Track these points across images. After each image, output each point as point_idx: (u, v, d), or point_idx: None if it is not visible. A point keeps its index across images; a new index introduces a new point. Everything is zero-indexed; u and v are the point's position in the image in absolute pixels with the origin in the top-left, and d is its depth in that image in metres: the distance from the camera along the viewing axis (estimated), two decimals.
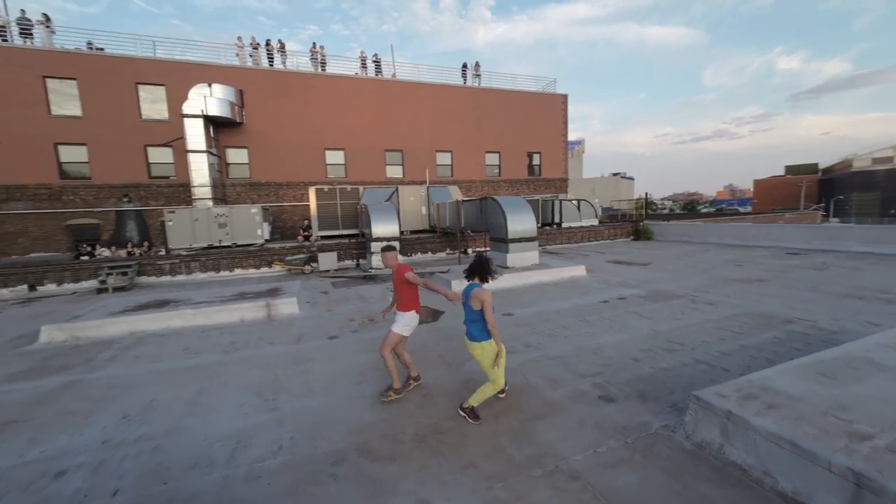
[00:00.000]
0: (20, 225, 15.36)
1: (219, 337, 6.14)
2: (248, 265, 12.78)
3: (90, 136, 15.85)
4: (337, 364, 4.88)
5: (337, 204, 15.05)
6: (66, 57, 15.56)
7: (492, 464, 2.85)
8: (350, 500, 2.55)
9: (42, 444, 3.32)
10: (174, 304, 7.32)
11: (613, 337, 5.40)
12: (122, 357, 5.43)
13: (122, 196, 16.25)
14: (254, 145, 18.09)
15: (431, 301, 7.96)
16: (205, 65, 17.18)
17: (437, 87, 21.24)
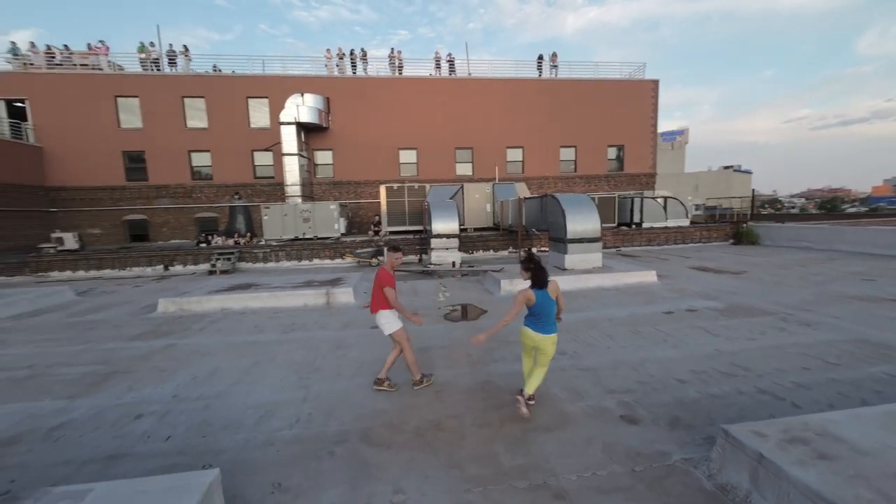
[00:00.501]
0: (165, 217, 19.20)
1: (283, 318, 6.98)
2: (324, 256, 14.17)
3: (213, 144, 19.07)
4: (370, 352, 5.21)
5: (405, 201, 15.80)
6: (197, 80, 18.92)
7: (478, 467, 2.82)
8: (337, 477, 2.76)
9: (134, 392, 4.21)
10: (255, 288, 8.51)
11: (663, 352, 4.81)
12: (208, 329, 6.52)
13: (233, 194, 19.22)
14: (337, 147, 19.87)
15: (477, 299, 7.97)
16: (300, 77, 19.36)
17: (509, 82, 20.82)
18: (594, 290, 8.28)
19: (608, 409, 3.56)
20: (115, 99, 18.33)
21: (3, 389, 4.35)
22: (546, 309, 3.43)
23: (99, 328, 6.69)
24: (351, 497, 2.55)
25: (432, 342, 5.54)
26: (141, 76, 18.66)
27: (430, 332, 5.91)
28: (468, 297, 8.20)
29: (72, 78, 18.12)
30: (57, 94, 17.95)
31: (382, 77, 20.18)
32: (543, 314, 3.43)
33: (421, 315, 6.95)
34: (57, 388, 4.32)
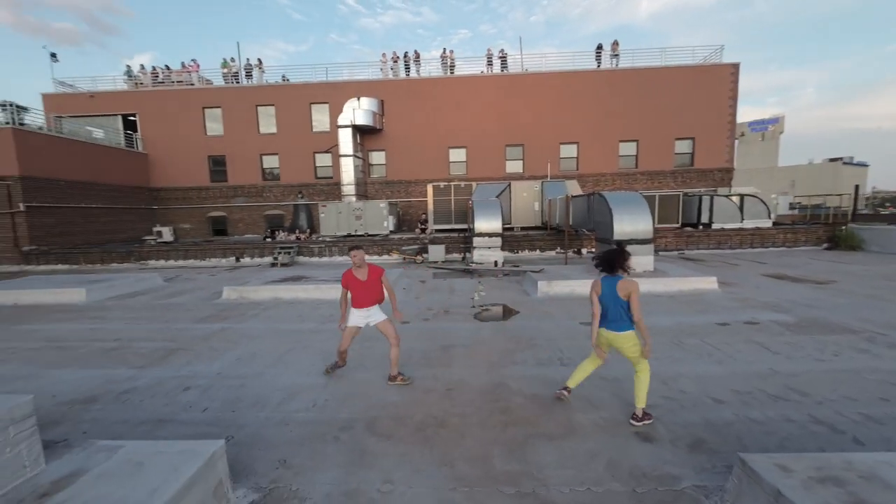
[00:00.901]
0: (240, 214, 21.47)
1: (324, 309, 7.48)
2: (373, 252, 14.84)
3: (280, 147, 20.88)
4: (409, 345, 5.37)
5: (451, 200, 15.95)
6: (269, 89, 20.83)
7: (470, 467, 2.81)
8: (336, 461, 2.93)
9: (189, 367, 4.82)
10: (305, 280, 9.20)
11: (704, 368, 4.35)
12: (260, 315, 7.21)
13: (297, 193, 20.88)
14: (390, 148, 20.64)
15: (512, 300, 7.82)
16: (357, 82, 20.41)
17: (564, 76, 19.97)
18: (646, 296, 7.67)
19: (622, 423, 3.33)
20: (203, 110, 20.86)
21: (94, 357, 5.24)
22: (609, 303, 3.32)
23: (175, 311, 7.73)
24: (343, 481, 2.70)
25: (457, 340, 5.57)
26: (223, 88, 21.02)
27: (458, 331, 5.95)
28: (504, 298, 8.08)
29: (170, 93, 20.98)
30: (159, 108, 20.92)
31: (434, 77, 20.53)
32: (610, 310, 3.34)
33: (453, 313, 7.07)
34: (132, 359, 5.10)
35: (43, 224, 15.82)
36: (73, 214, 17.06)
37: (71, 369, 4.81)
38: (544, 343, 5.34)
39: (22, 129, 15.51)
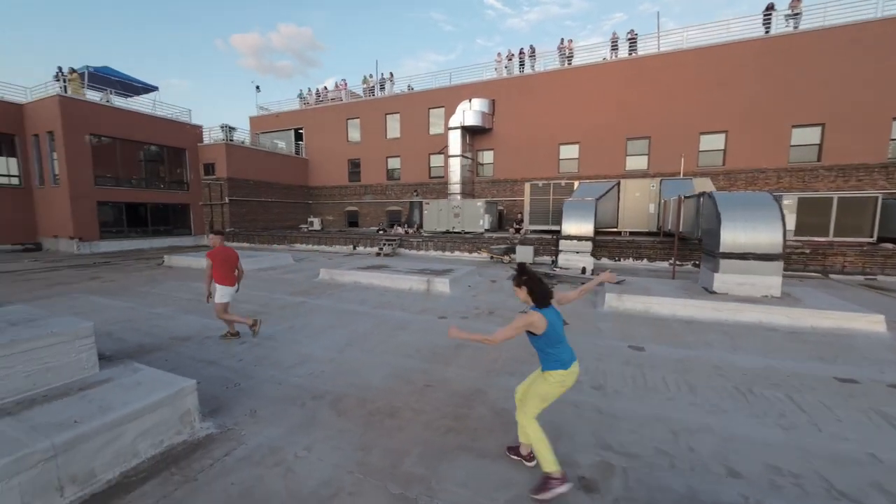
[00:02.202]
0: (368, 209, 24.86)
1: (386, 297, 8.23)
2: (464, 249, 15.28)
3: (402, 150, 23.27)
4: (420, 338, 5.62)
5: (549, 199, 15.10)
6: (395, 99, 23.42)
7: (380, 459, 2.87)
8: (288, 421, 3.37)
9: (277, 325, 6.07)
10: (384, 269, 10.23)
11: (753, 429, 3.24)
12: (334, 295, 8.42)
13: (413, 191, 22.96)
14: (498, 147, 20.69)
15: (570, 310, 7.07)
16: (470, 84, 21.11)
17: (711, 52, 16.38)
18: (744, 328, 5.97)
19: (575, 463, 2.82)
20: (346, 121, 24.87)
21: (208, 310, 7.07)
22: (561, 329, 2.63)
23: (282, 284, 9.68)
24: (279, 438, 3.12)
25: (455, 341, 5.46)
26: (362, 101, 24.60)
27: (485, 332, 5.80)
28: (564, 308, 7.38)
29: (324, 109, 25.69)
30: (316, 122, 25.88)
31: (548, 71, 19.58)
32: (559, 336, 2.62)
33: (496, 315, 6.88)
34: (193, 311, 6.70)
35: (238, 212, 21.59)
36: (256, 206, 22.72)
37: (193, 316, 6.66)
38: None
39: (231, 143, 21.45)
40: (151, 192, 19.81)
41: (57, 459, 2.36)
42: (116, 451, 2.65)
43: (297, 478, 2.67)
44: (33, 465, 2.26)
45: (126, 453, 2.70)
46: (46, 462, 2.32)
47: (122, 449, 2.68)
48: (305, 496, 2.49)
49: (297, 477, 2.68)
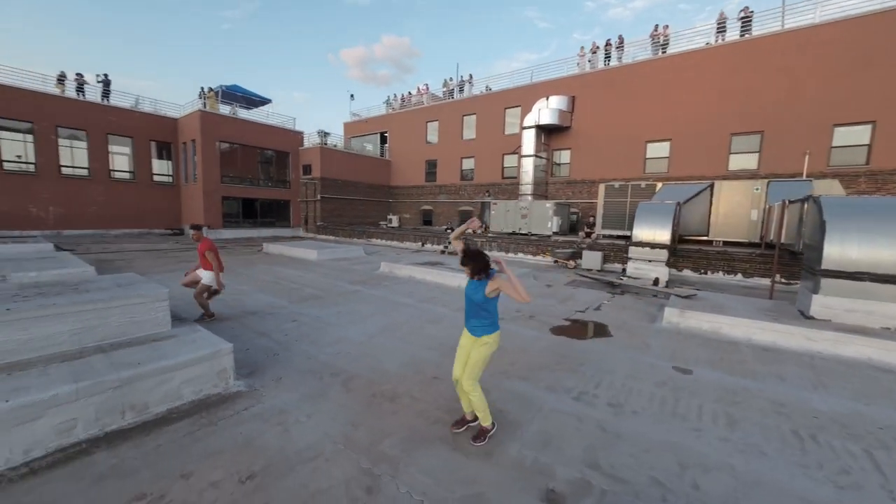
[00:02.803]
0: (442, 208, 25.64)
1: (434, 292, 8.51)
2: (527, 251, 14.87)
3: (476, 150, 23.49)
4: (448, 333, 5.76)
5: (626, 202, 13.85)
6: (472, 100, 23.72)
7: (364, 435, 3.08)
8: (304, 390, 3.80)
9: (310, 309, 6.82)
10: (439, 266, 10.54)
11: (804, 482, 2.67)
12: (388, 287, 8.98)
13: (485, 192, 23.02)
14: (576, 146, 19.60)
15: (619, 322, 6.45)
16: (549, 81, 20.35)
17: (856, 23, 13.23)
18: (842, 364, 4.83)
19: (550, 473, 2.68)
20: (426, 124, 25.98)
21: (282, 291, 8.14)
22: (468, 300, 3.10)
23: (347, 273, 10.62)
24: (289, 403, 3.54)
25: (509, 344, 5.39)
26: (441, 104, 25.44)
27: (515, 336, 5.69)
28: (618, 318, 6.83)
29: (407, 113, 27.20)
30: (399, 125, 27.53)
31: (636, 62, 17.89)
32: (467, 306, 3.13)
33: (536, 320, 6.65)
34: (292, 297, 7.65)
35: (327, 208, 24.11)
36: (343, 203, 25.11)
37: (265, 295, 7.75)
38: (592, 373, 4.44)
39: (325, 147, 24.06)
40: (261, 190, 23.28)
41: (122, 389, 3.06)
42: (165, 392, 3.31)
43: (290, 438, 3.02)
44: (105, 390, 2.98)
45: (173, 395, 3.35)
46: (115, 390, 3.02)
47: (170, 391, 3.34)
48: (290, 454, 2.82)
49: (291, 437, 3.03)
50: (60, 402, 2.77)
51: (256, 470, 2.64)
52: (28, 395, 2.67)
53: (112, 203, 20.27)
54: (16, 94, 17.51)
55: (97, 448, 2.80)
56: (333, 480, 2.57)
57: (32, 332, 3.29)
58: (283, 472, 2.63)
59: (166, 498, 2.36)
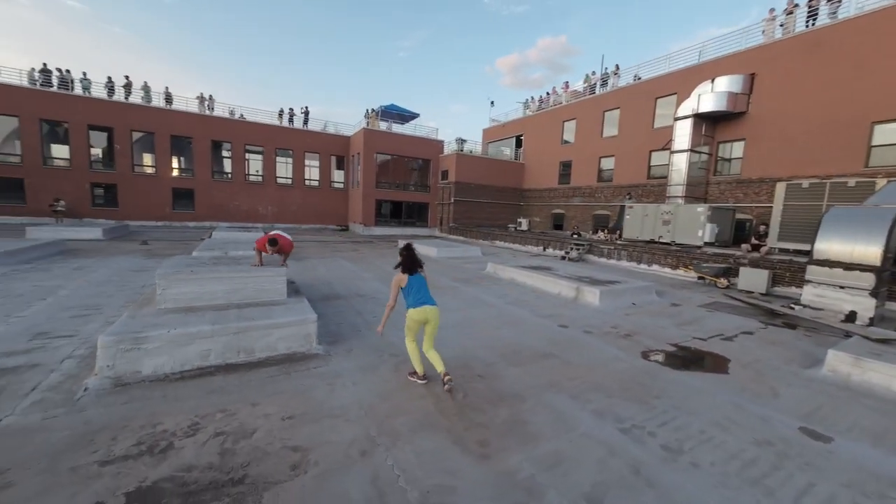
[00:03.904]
0: (575, 212, 24.09)
1: (528, 296, 8.29)
2: (664, 263, 12.65)
3: (618, 149, 21.16)
4: (518, 337, 5.64)
5: (820, 206, 10.31)
6: (615, 94, 21.46)
7: (388, 410, 3.42)
8: (367, 360, 4.42)
9: None
10: (544, 270, 10.11)
11: None
12: (485, 287, 9.17)
13: (626, 194, 20.53)
14: (753, 135, 15.53)
15: (762, 358, 4.98)
16: (717, 60, 16.69)
17: None
18: None
19: (533, 493, 2.47)
20: (563, 124, 24.83)
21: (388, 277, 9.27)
22: (419, 283, 3.98)
23: (455, 271, 11.25)
24: (347, 370, 4.19)
25: (581, 358, 4.99)
26: (579, 102, 23.90)
27: (600, 355, 5.15)
28: (749, 355, 5.36)
29: (542, 115, 26.54)
30: (535, 128, 27.11)
31: (863, 14, 12.94)
32: (419, 287, 3.96)
33: (633, 338, 5.84)
34: None
35: (460, 210, 25.74)
36: (474, 205, 26.36)
37: (379, 283, 8.99)
38: (664, 408, 3.71)
39: (460, 153, 25.75)
40: (406, 193, 26.56)
41: (239, 335, 4.24)
42: (266, 343, 4.40)
43: (332, 396, 3.62)
44: (229, 333, 4.18)
45: (271, 346, 4.42)
46: (234, 335, 4.21)
47: (269, 343, 4.42)
48: (324, 408, 3.40)
49: (332, 396, 3.63)
50: (202, 336, 4.05)
51: (296, 413, 3.30)
52: (185, 328, 4.02)
53: (305, 204, 26.57)
54: (258, 127, 24.88)
55: (218, 372, 3.97)
56: (341, 437, 3.00)
57: (204, 288, 4.86)
58: (312, 420, 3.21)
59: (236, 416, 3.22)
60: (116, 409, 3.21)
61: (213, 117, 23.76)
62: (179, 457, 2.67)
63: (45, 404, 3.23)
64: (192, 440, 2.86)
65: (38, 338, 4.63)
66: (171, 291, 4.68)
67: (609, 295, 7.90)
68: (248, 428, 3.05)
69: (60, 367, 3.89)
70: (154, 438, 2.86)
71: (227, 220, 24.18)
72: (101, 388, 3.52)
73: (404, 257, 3.98)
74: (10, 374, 3.73)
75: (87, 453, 2.66)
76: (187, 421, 3.10)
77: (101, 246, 12.95)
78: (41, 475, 2.44)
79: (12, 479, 2.39)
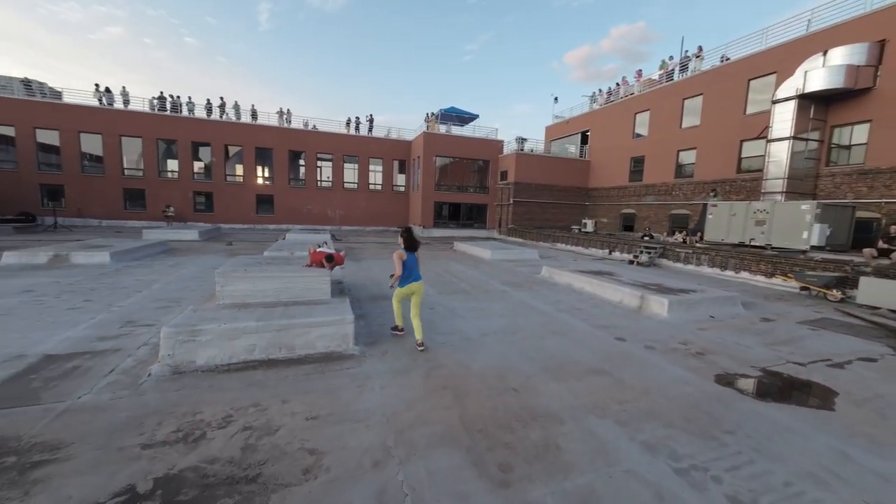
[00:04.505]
0: (648, 211, 21.97)
1: (585, 304, 7.64)
2: (756, 270, 10.85)
3: (700, 140, 18.83)
4: (564, 349, 5.19)
5: None
6: (697, 79, 19.10)
7: (410, 419, 3.29)
8: (405, 362, 4.36)
9: (466, 303, 7.46)
10: (604, 275, 9.26)
11: None
12: (536, 292, 8.66)
13: (710, 191, 18.16)
14: (883, 116, 12.70)
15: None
16: (830, 29, 13.95)
17: None
18: None
19: None
20: (634, 116, 22.83)
21: (439, 283, 9.19)
22: (413, 262, 4.93)
23: (507, 274, 10.84)
24: (378, 373, 4.15)
25: (637, 379, 4.43)
26: (652, 92, 21.75)
27: (662, 375, 4.53)
28: (868, 388, 4.30)
29: (611, 108, 24.68)
30: (602, 122, 25.34)
31: None
32: (413, 265, 4.91)
33: (706, 358, 5.13)
34: (445, 288, 8.52)
35: (519, 211, 25.00)
36: (535, 206, 25.41)
37: (427, 285, 8.94)
38: (738, 448, 3.07)
39: (520, 153, 25.02)
40: (464, 195, 26.53)
41: (281, 332, 4.44)
42: (306, 341, 4.55)
43: (358, 399, 3.59)
44: (272, 330, 4.40)
45: (310, 344, 4.56)
46: (276, 332, 4.42)
47: (309, 341, 4.56)
48: (348, 411, 3.37)
49: (358, 398, 3.60)
50: (248, 331, 4.31)
51: (321, 414, 3.32)
52: (234, 323, 4.31)
53: (369, 207, 27.92)
54: (328, 137, 26.77)
55: (260, 367, 4.19)
56: (358, 443, 2.92)
57: (256, 286, 5.20)
58: (334, 422, 3.19)
59: (266, 412, 3.33)
60: (169, 396, 3.52)
61: (290, 129, 26.08)
62: (208, 448, 2.81)
63: (116, 386, 3.66)
64: (223, 432, 3.00)
65: (127, 325, 5.34)
66: (229, 288, 5.08)
67: (680, 305, 6.95)
68: (273, 425, 3.12)
69: (136, 353, 4.42)
70: (191, 426, 3.06)
71: (301, 223, 26.33)
72: (162, 374, 3.90)
73: (406, 238, 4.90)
74: (98, 356, 4.31)
75: (135, 435, 2.92)
76: (223, 412, 3.28)
77: (196, 246, 14.85)
78: (95, 451, 2.72)
79: (73, 453, 2.69)
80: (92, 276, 8.37)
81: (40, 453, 2.67)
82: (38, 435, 2.88)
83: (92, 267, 9.29)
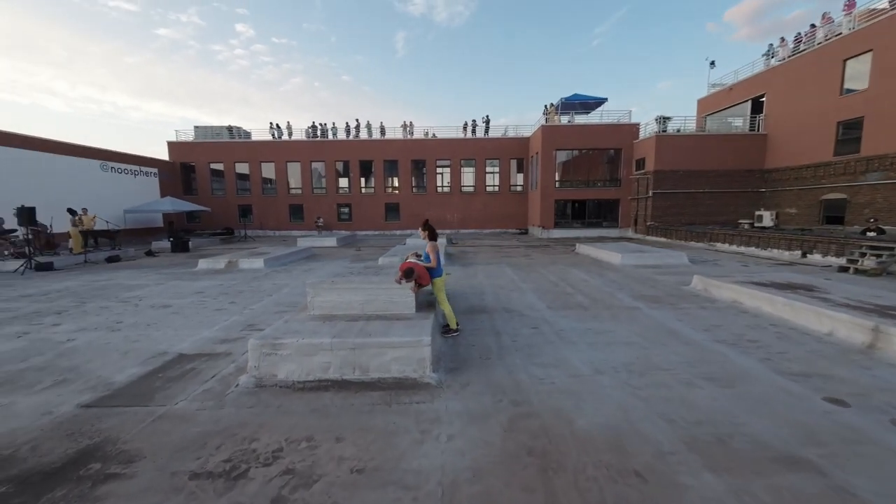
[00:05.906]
0: (870, 195, 15.50)
1: (765, 333, 5.36)
2: None
3: None
4: (725, 408, 3.50)
5: None
6: None
7: (478, 472, 2.41)
8: (495, 414, 3.52)
9: (582, 322, 6.17)
10: (796, 290, 6.45)
11: None
12: (682, 309, 6.54)
13: None
14: None
15: None
16: None
17: None
18: None
19: None
20: (843, 63, 16.45)
21: (550, 294, 7.87)
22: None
23: (643, 285, 8.69)
24: (452, 413, 3.39)
25: (799, 449, 2.61)
26: (877, 23, 15.18)
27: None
28: None
29: (802, 59, 18.39)
30: (788, 81, 19.16)
31: None
32: None
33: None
34: (557, 302, 7.20)
35: (661, 206, 20.94)
36: (683, 198, 20.91)
37: (534, 296, 7.78)
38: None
39: (662, 134, 20.91)
40: (590, 190, 23.66)
41: (355, 352, 4.10)
42: (380, 363, 4.10)
43: (416, 452, 2.87)
44: (346, 348, 4.09)
45: (384, 367, 4.10)
46: (350, 350, 4.10)
47: (383, 363, 4.10)
48: (401, 468, 2.68)
49: (417, 451, 2.88)
50: (323, 348, 4.09)
51: (368, 467, 2.73)
52: (311, 338, 4.15)
53: (485, 209, 27.59)
54: (445, 143, 27.56)
55: (332, 388, 3.91)
56: None
57: (342, 297, 5.07)
58: (378, 483, 2.55)
59: (316, 451, 2.92)
60: (241, 413, 3.47)
61: (412, 140, 27.77)
62: (242, 492, 2.50)
63: (207, 395, 3.82)
64: (264, 472, 2.68)
65: (247, 329, 5.89)
66: (318, 299, 5.07)
67: None
68: (315, 473, 2.66)
69: (238, 360, 4.70)
70: (242, 457, 2.84)
71: None
72: (247, 386, 3.96)
73: (430, 231, 5.23)
74: (211, 360, 4.73)
75: (193, 459, 2.83)
76: (276, 444, 3.00)
77: (333, 251, 16.83)
78: (153, 473, 2.69)
79: (138, 470, 2.72)
80: (246, 279, 9.99)
81: (117, 464, 2.78)
82: (128, 441, 3.06)
83: (250, 272, 11.18)
